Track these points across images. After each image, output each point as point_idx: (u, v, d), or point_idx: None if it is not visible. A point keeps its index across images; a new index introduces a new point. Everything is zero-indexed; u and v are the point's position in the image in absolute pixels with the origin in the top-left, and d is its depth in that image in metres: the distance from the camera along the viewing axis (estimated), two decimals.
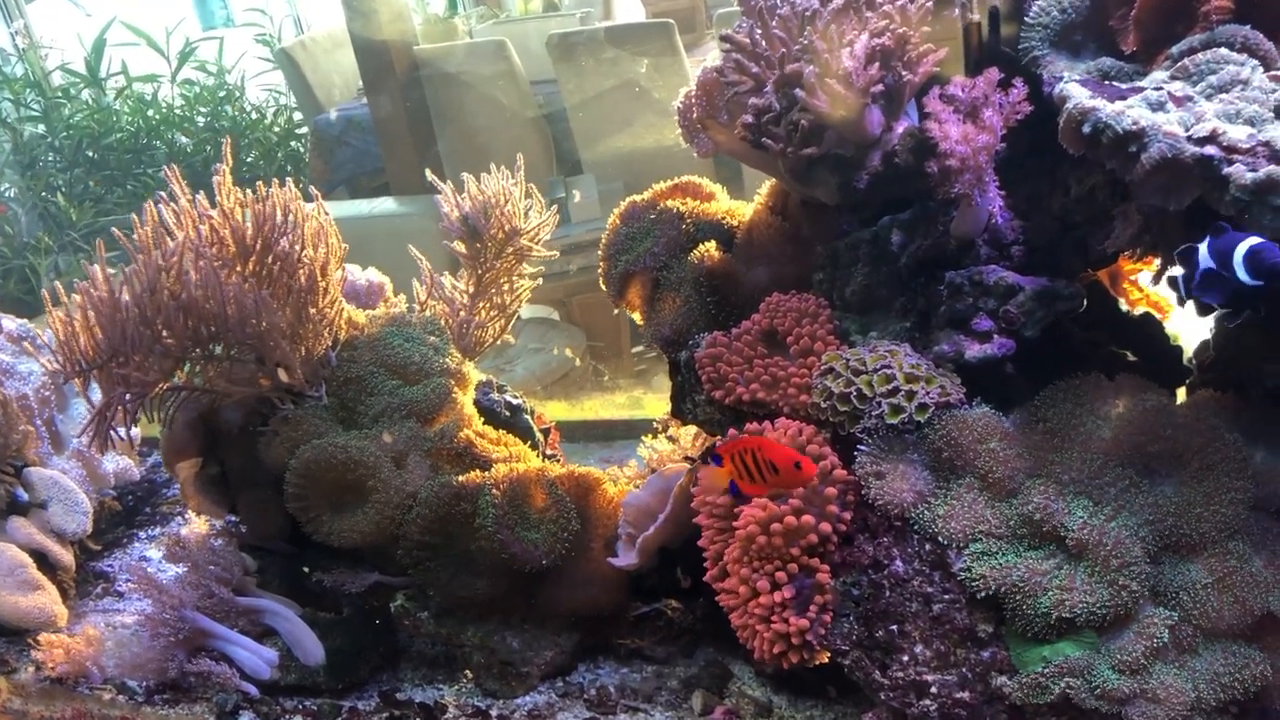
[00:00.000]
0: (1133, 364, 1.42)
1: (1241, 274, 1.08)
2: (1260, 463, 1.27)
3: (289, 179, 1.62)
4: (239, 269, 1.60)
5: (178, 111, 5.28)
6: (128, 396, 1.62)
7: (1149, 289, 1.50)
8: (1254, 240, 1.07)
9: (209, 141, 5.17)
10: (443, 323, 1.75)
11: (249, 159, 5.35)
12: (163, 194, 1.67)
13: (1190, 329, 1.51)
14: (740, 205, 1.63)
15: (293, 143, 5.48)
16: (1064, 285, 1.31)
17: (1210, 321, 1.42)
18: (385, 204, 4.58)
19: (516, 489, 1.56)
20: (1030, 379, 1.37)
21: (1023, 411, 1.33)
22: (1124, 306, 1.51)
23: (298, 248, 1.59)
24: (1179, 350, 1.46)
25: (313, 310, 1.62)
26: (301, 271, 1.61)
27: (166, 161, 5.02)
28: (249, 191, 1.62)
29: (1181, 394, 1.43)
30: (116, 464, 2.07)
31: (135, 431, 1.97)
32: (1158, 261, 1.32)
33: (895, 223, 1.40)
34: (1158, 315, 1.49)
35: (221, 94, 5.40)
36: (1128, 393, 1.30)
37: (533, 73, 4.61)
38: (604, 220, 4.81)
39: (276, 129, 5.49)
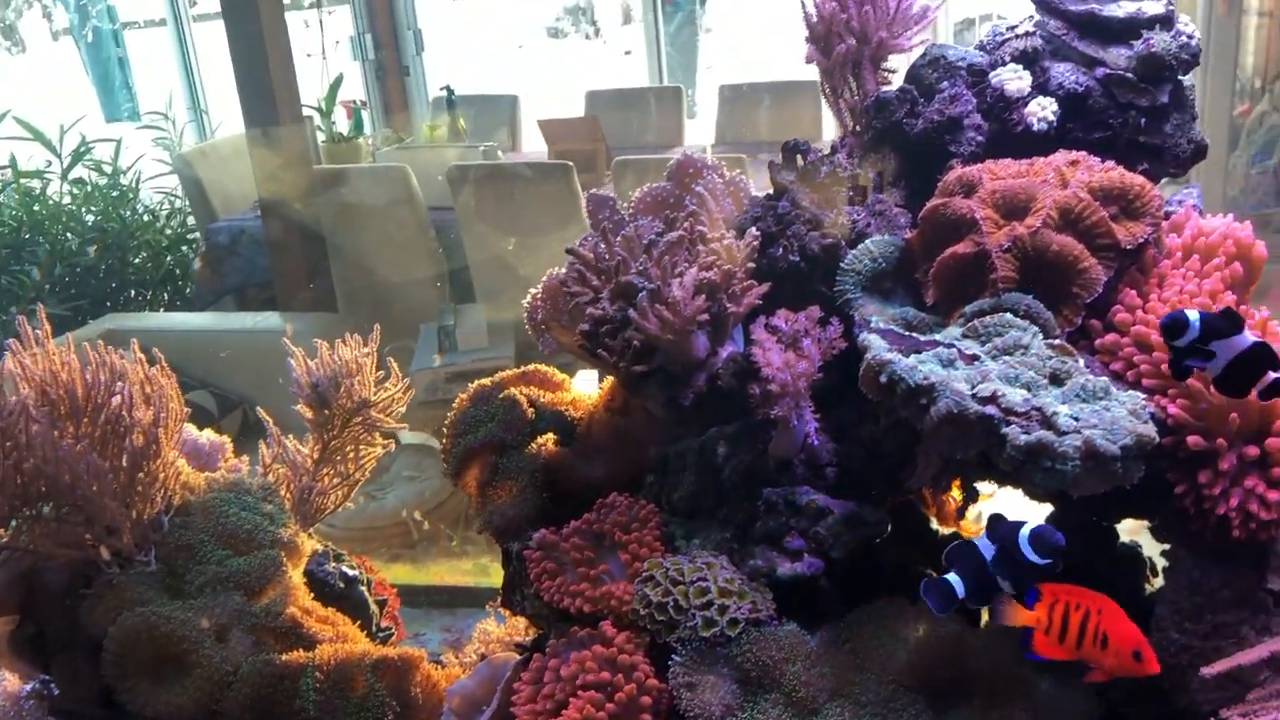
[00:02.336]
0: None
1: (1030, 555, 1.21)
2: (1045, 691, 1.34)
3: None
4: (71, 429, 1.58)
5: (67, 208, 5.19)
6: None
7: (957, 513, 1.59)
8: (1034, 524, 1.21)
9: (95, 241, 5.09)
10: (282, 489, 1.75)
11: (136, 260, 5.27)
12: (11, 342, 1.66)
13: None
14: (586, 396, 1.69)
15: (183, 247, 5.42)
16: (870, 511, 1.38)
17: None
18: (270, 319, 4.53)
19: (339, 672, 1.54)
20: (845, 594, 1.43)
21: (830, 630, 1.38)
22: (935, 525, 1.59)
23: (127, 413, 1.58)
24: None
25: (143, 474, 1.60)
26: (136, 433, 1.60)
27: (48, 257, 4.92)
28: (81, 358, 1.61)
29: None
30: None
31: None
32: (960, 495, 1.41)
33: (721, 435, 1.47)
34: (967, 536, 1.58)
35: (114, 194, 5.34)
36: (927, 618, 1.37)
37: (432, 199, 4.69)
38: (491, 350, 4.78)
39: (168, 232, 5.44)
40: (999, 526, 1.25)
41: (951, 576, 1.26)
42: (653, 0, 6.59)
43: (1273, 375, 1.16)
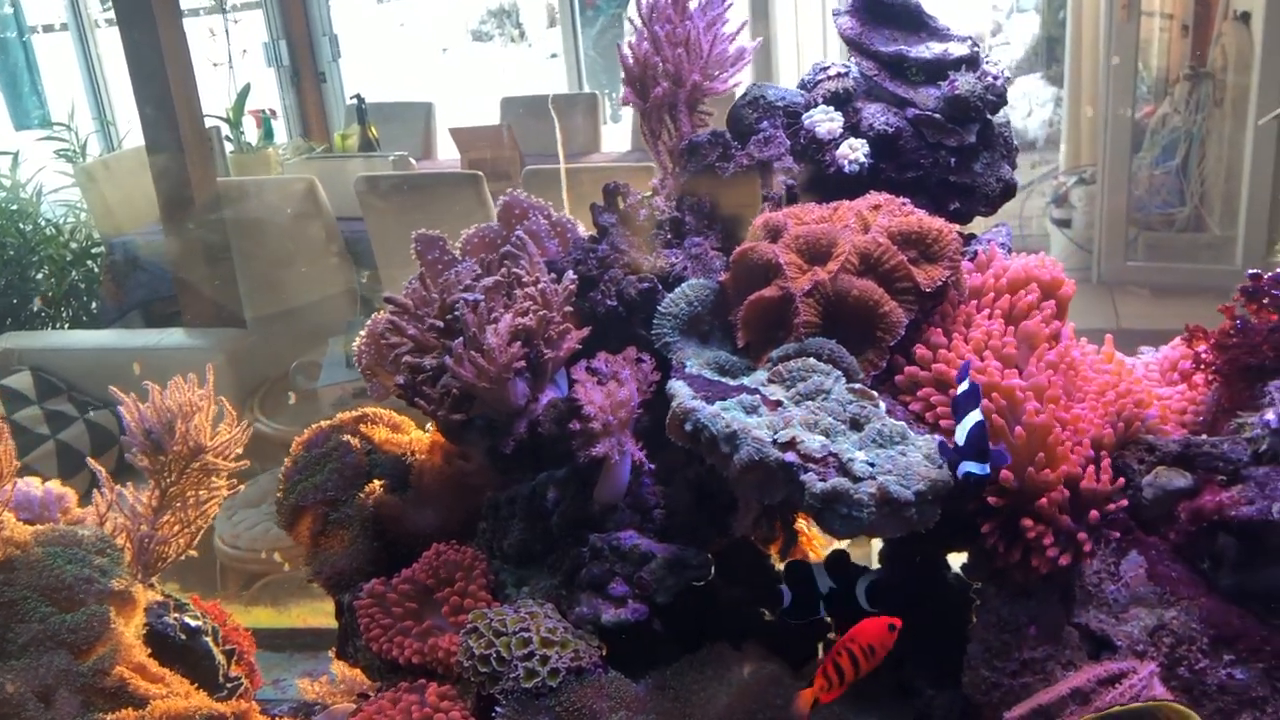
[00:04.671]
0: (771, 623, 1.49)
1: (864, 604, 1.30)
2: None
3: None
4: None
5: None
6: None
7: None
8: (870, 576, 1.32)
9: None
10: (120, 539, 1.69)
11: (38, 275, 5.13)
12: None
13: None
14: (425, 438, 1.66)
15: (89, 262, 5.28)
16: (693, 554, 1.37)
17: None
18: (174, 335, 4.43)
19: None
20: (679, 637, 1.43)
21: (655, 676, 1.37)
22: (773, 562, 1.59)
23: None
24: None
25: None
26: None
27: None
28: None
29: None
30: None
31: None
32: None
33: (551, 480, 1.45)
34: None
35: (13, 208, 5.19)
36: (750, 661, 1.37)
37: (343, 209, 4.61)
38: None
39: (73, 246, 5.30)
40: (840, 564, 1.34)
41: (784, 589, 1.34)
42: (571, 3, 6.53)
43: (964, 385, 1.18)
